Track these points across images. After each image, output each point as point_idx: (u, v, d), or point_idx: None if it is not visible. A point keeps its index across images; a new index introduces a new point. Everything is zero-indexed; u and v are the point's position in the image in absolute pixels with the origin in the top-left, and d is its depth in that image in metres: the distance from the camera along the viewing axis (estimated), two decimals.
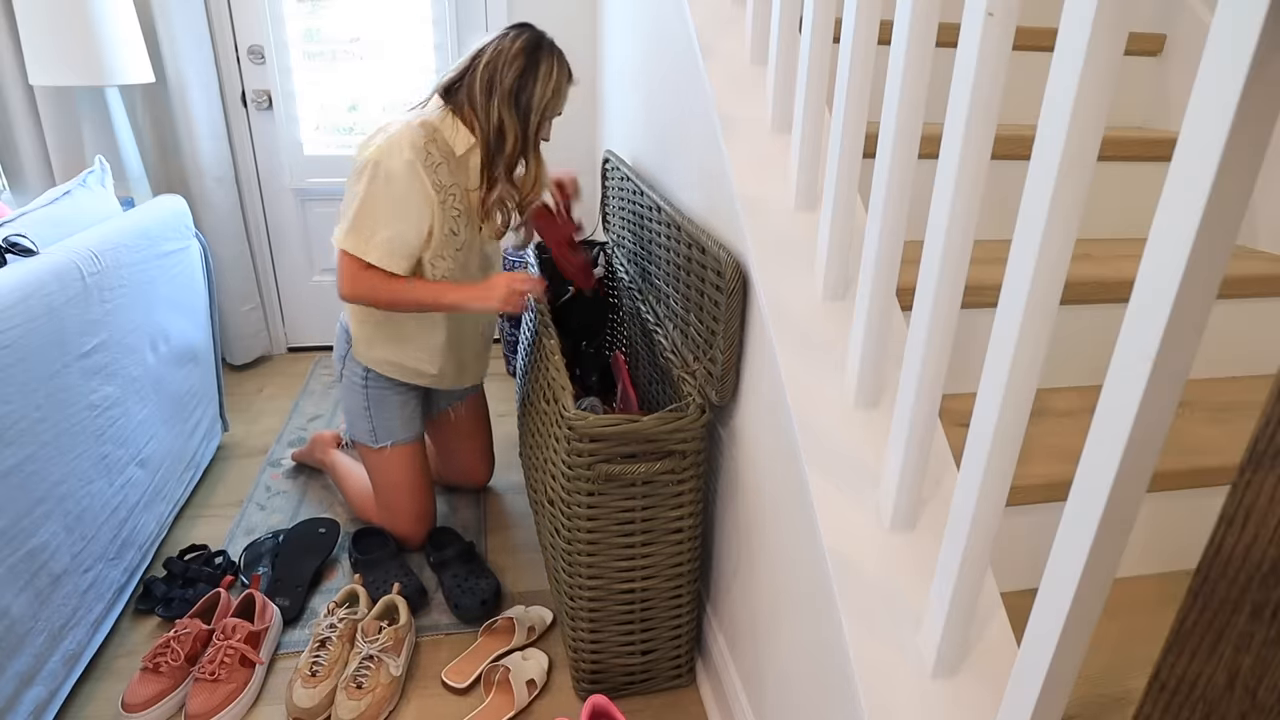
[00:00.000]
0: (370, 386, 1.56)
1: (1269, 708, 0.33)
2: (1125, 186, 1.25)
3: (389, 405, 1.58)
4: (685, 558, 1.22)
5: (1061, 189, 0.51)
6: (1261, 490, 0.32)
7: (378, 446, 1.59)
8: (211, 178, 2.30)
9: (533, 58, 1.35)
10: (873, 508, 0.81)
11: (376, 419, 1.59)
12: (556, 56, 1.39)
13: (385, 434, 1.59)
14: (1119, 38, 0.48)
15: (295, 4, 2.28)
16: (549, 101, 1.39)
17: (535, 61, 1.35)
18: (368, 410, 1.58)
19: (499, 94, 1.35)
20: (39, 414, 1.16)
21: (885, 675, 0.70)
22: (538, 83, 1.36)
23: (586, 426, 1.09)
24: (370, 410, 1.58)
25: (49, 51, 1.84)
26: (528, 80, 1.35)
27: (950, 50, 0.69)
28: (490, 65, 1.35)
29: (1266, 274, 1.07)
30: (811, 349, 0.93)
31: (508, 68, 1.34)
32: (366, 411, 1.59)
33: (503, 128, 1.36)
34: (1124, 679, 0.79)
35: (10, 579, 1.08)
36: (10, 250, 1.22)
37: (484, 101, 1.35)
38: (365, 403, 1.58)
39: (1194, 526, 0.95)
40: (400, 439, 1.60)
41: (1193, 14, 1.37)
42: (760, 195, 1.05)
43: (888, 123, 0.73)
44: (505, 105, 1.35)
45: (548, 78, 1.37)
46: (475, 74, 1.36)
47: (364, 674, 1.25)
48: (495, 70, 1.34)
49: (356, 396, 1.58)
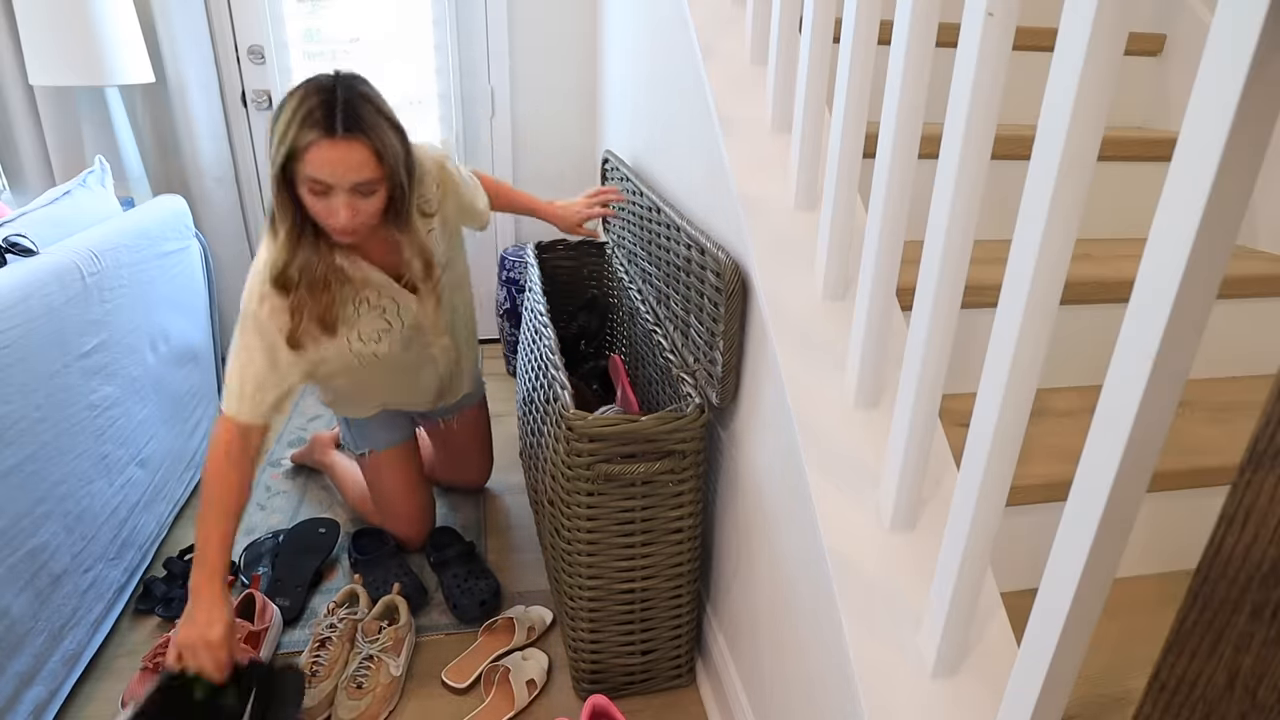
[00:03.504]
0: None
1: (1269, 708, 0.33)
2: (1125, 186, 1.25)
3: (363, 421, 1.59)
4: (685, 558, 1.22)
5: (1061, 189, 0.51)
6: (1261, 490, 0.32)
7: (359, 453, 1.60)
8: (211, 178, 2.30)
9: (277, 115, 1.08)
10: (873, 508, 0.81)
11: (354, 429, 1.59)
12: (289, 102, 1.06)
13: (363, 441, 1.59)
14: (1119, 38, 0.48)
15: (295, 4, 2.28)
16: (286, 158, 1.06)
17: (277, 118, 1.08)
18: (346, 420, 1.60)
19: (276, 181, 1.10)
20: (39, 414, 1.16)
21: (885, 675, 0.70)
22: (279, 146, 1.06)
23: (586, 426, 1.09)
24: (347, 420, 1.59)
25: (49, 51, 1.84)
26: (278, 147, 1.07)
27: (950, 50, 0.69)
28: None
29: (1266, 274, 1.07)
30: (811, 349, 0.93)
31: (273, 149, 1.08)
32: (345, 420, 1.60)
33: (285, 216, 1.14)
34: (1124, 679, 0.79)
35: (10, 579, 1.08)
36: (10, 250, 1.22)
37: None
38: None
39: (1194, 526, 0.95)
40: (380, 445, 1.59)
41: (1193, 14, 1.37)
42: (760, 195, 1.05)
43: (888, 123, 0.73)
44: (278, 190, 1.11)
45: (283, 133, 1.06)
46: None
47: (364, 674, 1.25)
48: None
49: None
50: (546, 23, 2.39)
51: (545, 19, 2.39)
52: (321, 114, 1.04)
